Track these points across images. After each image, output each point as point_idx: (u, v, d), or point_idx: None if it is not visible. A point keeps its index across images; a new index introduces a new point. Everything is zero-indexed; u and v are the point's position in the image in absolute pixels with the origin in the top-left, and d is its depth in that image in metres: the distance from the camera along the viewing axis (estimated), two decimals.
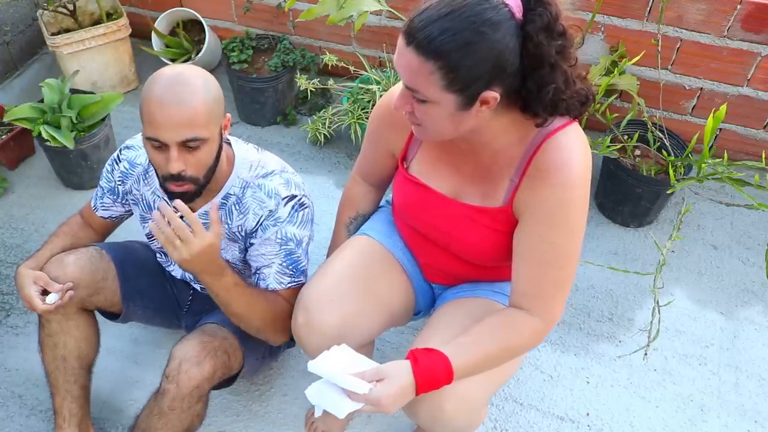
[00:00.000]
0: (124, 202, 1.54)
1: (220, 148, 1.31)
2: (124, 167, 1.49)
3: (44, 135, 2.13)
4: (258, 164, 1.42)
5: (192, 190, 1.29)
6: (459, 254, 1.32)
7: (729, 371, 1.88)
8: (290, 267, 1.41)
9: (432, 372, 1.11)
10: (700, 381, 1.85)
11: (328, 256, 1.49)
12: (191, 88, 1.21)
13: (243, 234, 1.42)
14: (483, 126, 1.10)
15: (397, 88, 1.25)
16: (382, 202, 1.58)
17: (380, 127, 1.35)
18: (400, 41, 1.02)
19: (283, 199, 1.39)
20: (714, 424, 1.76)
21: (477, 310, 1.32)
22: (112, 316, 1.61)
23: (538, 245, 1.15)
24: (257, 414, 1.75)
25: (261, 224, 1.39)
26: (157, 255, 1.62)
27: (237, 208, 1.40)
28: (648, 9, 2.22)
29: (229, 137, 1.44)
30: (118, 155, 1.51)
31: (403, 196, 1.33)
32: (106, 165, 1.53)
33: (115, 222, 1.61)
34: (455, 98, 1.02)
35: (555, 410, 1.78)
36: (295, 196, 1.41)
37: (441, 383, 1.12)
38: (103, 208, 1.56)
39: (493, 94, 1.02)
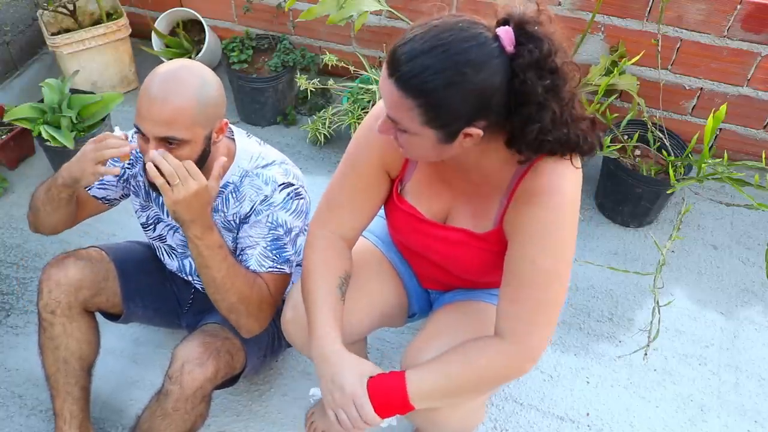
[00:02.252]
0: (125, 185, 1.52)
1: (206, 151, 1.30)
2: (135, 151, 1.45)
3: (44, 135, 2.13)
4: (259, 156, 1.43)
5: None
6: (451, 270, 1.32)
7: (729, 371, 1.88)
8: (274, 251, 1.39)
9: (387, 396, 1.11)
10: (700, 381, 1.85)
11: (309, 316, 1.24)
12: (183, 88, 1.21)
13: (237, 221, 1.42)
14: (468, 152, 1.07)
15: None
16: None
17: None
18: (384, 69, 1.00)
19: (280, 185, 1.39)
20: (714, 424, 1.76)
21: (473, 312, 1.32)
22: (113, 317, 1.61)
23: (519, 265, 1.11)
24: (257, 414, 1.75)
25: (254, 209, 1.39)
26: (157, 251, 1.62)
27: (234, 196, 1.41)
28: (648, 9, 2.22)
29: (232, 128, 1.45)
30: (130, 138, 1.46)
31: (394, 221, 1.32)
32: None
33: (101, 206, 1.53)
34: (436, 133, 1.00)
35: (555, 410, 1.78)
36: (292, 184, 1.41)
37: (397, 407, 1.11)
38: (100, 186, 1.49)
39: (476, 130, 0.99)
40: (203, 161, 1.31)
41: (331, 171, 2.46)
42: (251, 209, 1.39)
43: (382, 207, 1.42)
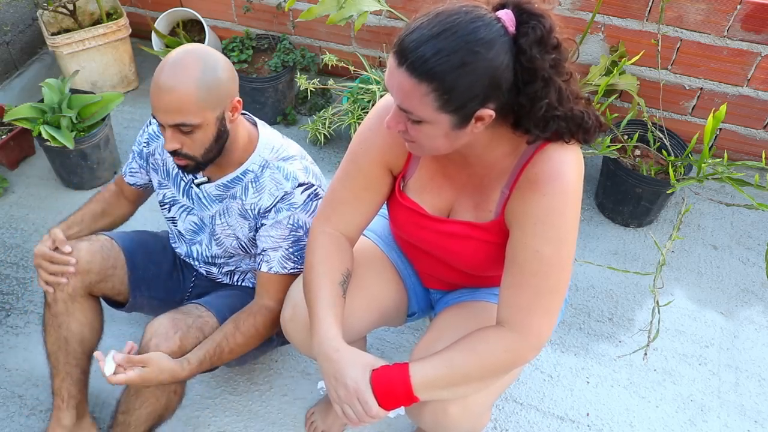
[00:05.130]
0: (147, 167, 1.58)
1: (222, 131, 1.34)
2: (153, 130, 1.54)
3: (44, 135, 2.13)
4: (280, 147, 1.45)
5: (191, 165, 1.36)
6: (454, 265, 1.32)
7: (729, 371, 1.88)
8: (296, 253, 1.43)
9: (391, 389, 1.11)
10: (700, 381, 1.85)
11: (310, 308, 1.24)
12: (186, 75, 1.24)
13: (255, 212, 1.44)
14: (476, 139, 1.09)
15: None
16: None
17: (381, 130, 1.23)
18: (392, 61, 1.00)
19: (301, 185, 1.40)
20: (714, 424, 1.76)
21: (478, 313, 1.32)
22: (117, 305, 1.63)
23: (521, 253, 1.11)
24: (257, 414, 1.75)
25: (275, 206, 1.41)
26: (170, 233, 1.67)
27: (254, 185, 1.42)
28: (648, 9, 2.22)
29: (254, 118, 1.48)
30: (150, 119, 1.56)
31: (396, 217, 1.32)
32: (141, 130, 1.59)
33: (142, 191, 1.66)
34: (450, 118, 1.01)
35: (555, 410, 1.78)
36: (313, 185, 1.43)
37: (401, 398, 1.11)
38: (131, 173, 1.62)
39: (488, 112, 1.00)
40: (222, 142, 1.35)
41: (332, 171, 2.46)
42: (272, 205, 1.41)
43: (383, 206, 1.42)
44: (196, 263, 1.65)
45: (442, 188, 1.24)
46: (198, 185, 1.47)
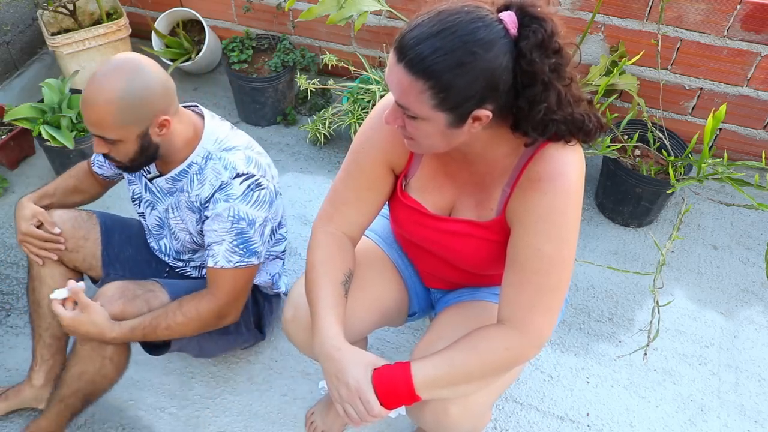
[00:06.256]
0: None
1: (146, 146, 1.34)
2: None
3: (44, 135, 2.13)
4: (225, 138, 1.44)
5: (123, 166, 1.38)
6: (456, 263, 1.32)
7: (729, 371, 1.88)
8: (240, 246, 1.41)
9: (393, 388, 1.11)
10: (700, 381, 1.85)
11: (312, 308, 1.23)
12: (107, 92, 1.25)
13: (198, 204, 1.44)
14: (475, 139, 1.09)
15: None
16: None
17: (383, 130, 1.23)
18: (391, 57, 1.01)
19: (240, 175, 1.40)
20: (714, 424, 1.76)
21: (478, 312, 1.32)
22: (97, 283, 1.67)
23: (523, 252, 1.11)
24: (257, 414, 1.75)
25: (213, 196, 1.40)
26: (146, 234, 1.69)
27: (198, 177, 1.43)
28: (648, 9, 2.22)
29: (203, 110, 1.47)
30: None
31: (398, 216, 1.32)
32: None
33: (109, 181, 1.68)
34: (446, 116, 1.01)
35: (555, 410, 1.78)
36: (253, 175, 1.41)
37: (403, 398, 1.11)
38: (98, 165, 1.63)
39: (485, 112, 1.01)
40: (150, 153, 1.36)
41: (331, 171, 2.46)
42: (210, 195, 1.41)
43: (385, 215, 1.41)
44: (167, 258, 1.66)
45: (444, 187, 1.24)
46: (150, 180, 1.48)
